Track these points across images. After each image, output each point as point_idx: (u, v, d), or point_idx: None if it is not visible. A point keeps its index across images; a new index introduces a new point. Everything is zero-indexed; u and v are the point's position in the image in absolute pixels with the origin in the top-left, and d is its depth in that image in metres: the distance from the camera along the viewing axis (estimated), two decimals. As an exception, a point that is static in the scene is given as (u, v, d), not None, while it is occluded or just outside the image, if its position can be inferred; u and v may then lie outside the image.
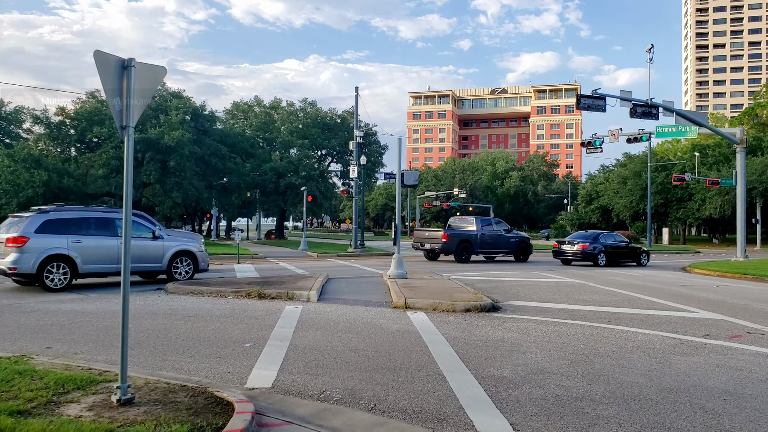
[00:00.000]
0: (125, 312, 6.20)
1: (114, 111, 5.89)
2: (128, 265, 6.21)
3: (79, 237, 15.25)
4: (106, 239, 15.63)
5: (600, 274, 21.65)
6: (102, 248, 15.50)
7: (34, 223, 14.82)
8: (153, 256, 16.56)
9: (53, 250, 14.76)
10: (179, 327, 9.90)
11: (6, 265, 14.41)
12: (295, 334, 9.37)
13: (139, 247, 16.04)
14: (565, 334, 9.59)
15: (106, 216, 16.26)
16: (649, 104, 24.53)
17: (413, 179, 17.09)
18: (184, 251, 17.21)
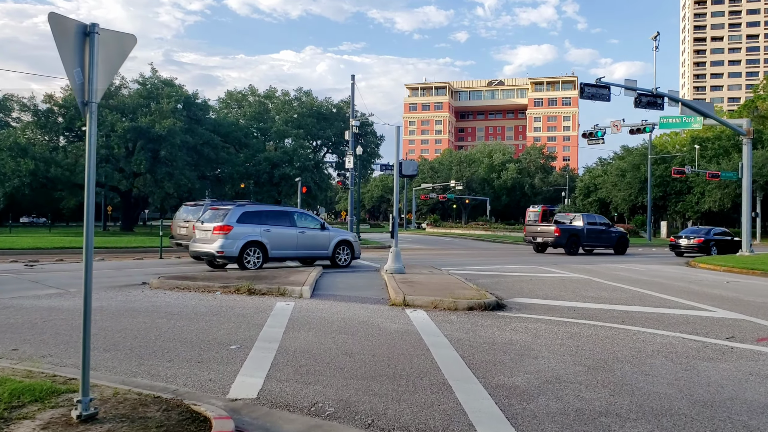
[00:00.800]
0: (87, 315, 5.43)
1: (74, 84, 5.12)
2: (89, 249, 5.47)
3: (268, 227, 18.23)
4: (287, 228, 18.76)
5: (604, 269, 20.96)
6: (285, 236, 18.55)
7: (235, 214, 17.83)
8: (322, 244, 19.63)
9: (251, 236, 17.61)
10: (160, 326, 9.16)
11: (215, 249, 17.30)
12: (286, 334, 8.64)
13: (311, 236, 19.29)
14: (578, 335, 8.87)
15: (286, 210, 20.26)
16: (655, 94, 23.80)
17: (412, 169, 16.30)
18: (344, 241, 20.17)
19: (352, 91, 34.57)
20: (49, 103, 38.60)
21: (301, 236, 19.01)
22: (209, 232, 17.64)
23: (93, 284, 13.47)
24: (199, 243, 18.10)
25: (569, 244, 30.38)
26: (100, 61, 5.22)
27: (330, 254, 19.69)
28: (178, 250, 23.69)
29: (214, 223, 17.65)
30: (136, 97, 41.64)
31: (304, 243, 19.13)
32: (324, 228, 19.91)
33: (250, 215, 18.14)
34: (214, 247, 17.33)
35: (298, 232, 18.91)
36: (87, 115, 5.12)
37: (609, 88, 23.25)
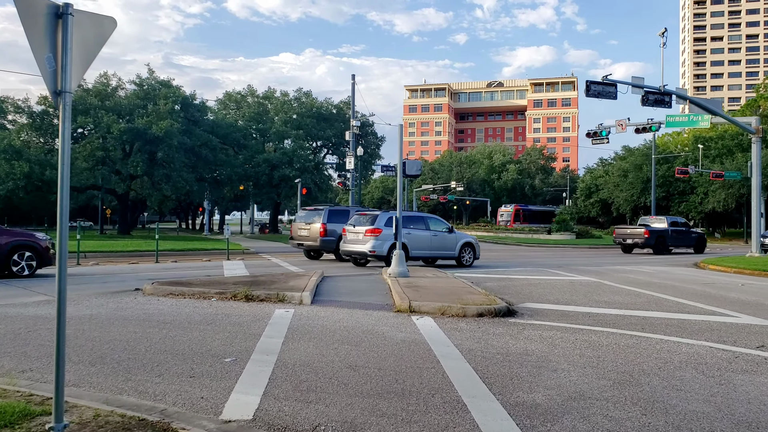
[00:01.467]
0: (60, 331, 4.86)
1: (45, 72, 4.55)
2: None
3: (409, 230, 20.62)
4: (423, 231, 21.39)
5: (612, 271, 20.40)
6: (422, 238, 21.18)
7: (382, 219, 20.64)
8: (450, 246, 21.89)
9: None
10: (152, 336, 8.58)
11: (367, 249, 20.22)
12: (285, 345, 8.06)
13: (442, 238, 21.74)
14: (597, 344, 8.30)
15: (421, 215, 23.14)
16: (662, 91, 23.22)
17: (416, 169, 15.70)
18: (468, 243, 22.29)
19: (353, 90, 34.02)
20: (44, 104, 37.93)
21: (434, 238, 21.65)
22: (361, 235, 20.64)
23: (84, 291, 12.87)
24: (351, 243, 21.10)
25: (657, 245, 33.80)
26: (75, 45, 4.66)
27: (456, 255, 21.98)
28: None
29: (365, 227, 20.60)
30: (133, 99, 41.01)
31: (436, 244, 21.76)
32: (451, 231, 22.40)
33: (393, 220, 20.21)
34: (366, 247, 20.34)
35: (431, 235, 21.57)
36: (60, 106, 4.56)
37: (615, 86, 22.68)
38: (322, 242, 23.05)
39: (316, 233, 23.08)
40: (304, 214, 24.21)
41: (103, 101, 39.16)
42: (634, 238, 34.44)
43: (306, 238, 23.45)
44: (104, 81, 41.50)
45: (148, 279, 15.13)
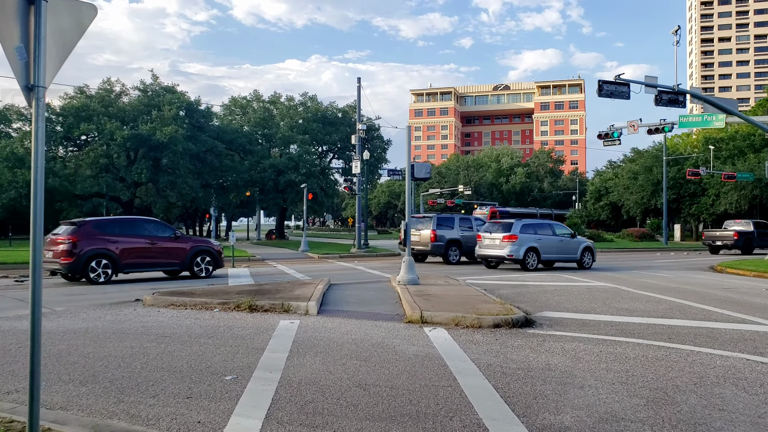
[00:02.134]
0: (34, 350, 4.36)
1: (15, 65, 4.07)
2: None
3: (539, 236, 22.95)
4: (551, 237, 23.36)
5: (629, 276, 19.80)
6: (550, 243, 23.16)
7: (518, 226, 22.82)
8: (573, 249, 23.80)
9: (530, 243, 22.47)
10: (149, 352, 8.08)
11: (505, 253, 22.23)
12: (289, 361, 7.54)
13: (567, 243, 23.72)
14: (624, 357, 7.74)
15: (548, 222, 25.57)
16: (676, 91, 22.62)
17: (425, 172, 15.13)
18: (588, 247, 24.17)
19: (358, 93, 33.54)
20: (47, 111, 37.48)
21: (560, 243, 23.54)
22: (498, 240, 22.65)
23: (82, 302, 12.37)
24: (487, 248, 23.19)
25: (744, 246, 36.13)
26: (50, 35, 4.18)
27: (578, 258, 23.71)
28: None
29: (502, 234, 22.62)
30: (137, 105, 40.58)
31: (562, 248, 23.58)
32: (574, 236, 24.25)
33: (526, 226, 23.14)
34: (504, 251, 22.35)
35: (558, 240, 23.48)
36: (32, 102, 4.08)
37: (628, 85, 22.09)
38: (433, 246, 25.72)
39: (427, 238, 25.74)
40: (413, 221, 25.60)
41: (107, 108, 38.73)
42: (723, 240, 37.24)
43: (416, 243, 25.47)
44: (108, 87, 41.15)
45: (149, 289, 14.68)
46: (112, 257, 17.57)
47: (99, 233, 17.84)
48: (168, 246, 18.85)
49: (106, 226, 18.60)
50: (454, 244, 25.81)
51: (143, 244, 18.39)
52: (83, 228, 17.69)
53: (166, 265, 19.08)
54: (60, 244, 17.14)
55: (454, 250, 25.80)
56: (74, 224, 18.00)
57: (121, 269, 17.93)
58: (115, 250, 17.67)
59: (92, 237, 17.56)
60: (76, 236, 17.25)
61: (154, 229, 19.25)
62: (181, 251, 19.05)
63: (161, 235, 18.98)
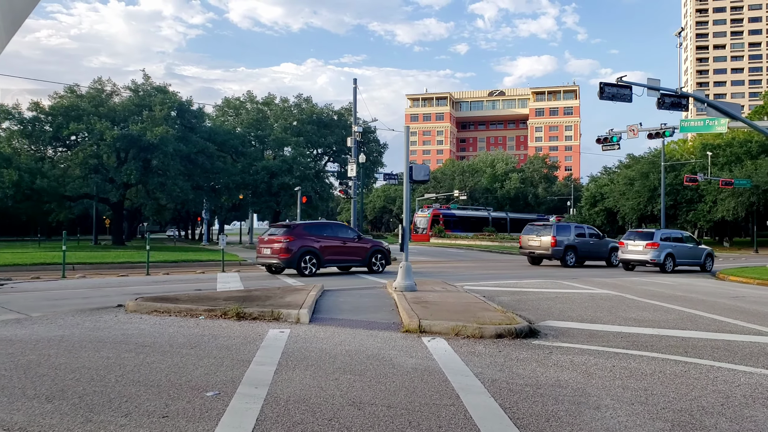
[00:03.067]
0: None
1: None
2: None
3: (673, 244, 26.96)
4: (682, 245, 27.60)
5: (630, 283, 19.24)
6: (683, 250, 27.25)
7: (658, 235, 26.57)
8: (699, 255, 27.80)
9: (667, 249, 26.17)
10: (126, 363, 7.45)
11: (648, 258, 25.93)
12: (277, 375, 6.93)
13: (693, 249, 27.69)
14: (640, 373, 7.15)
15: (681, 233, 28.95)
16: (679, 94, 22.12)
17: (423, 174, 14.54)
18: (710, 253, 28.33)
19: (354, 95, 32.94)
20: (36, 110, 36.76)
21: (689, 250, 27.54)
22: (641, 247, 26.23)
23: (61, 307, 11.71)
24: (630, 253, 26.74)
25: None
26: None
27: (702, 262, 27.82)
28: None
29: (645, 241, 26.19)
30: (128, 105, 39.77)
31: (690, 254, 27.51)
32: (699, 244, 28.88)
33: (665, 236, 27.01)
34: (647, 257, 25.96)
35: (688, 248, 27.60)
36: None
37: (630, 88, 21.56)
38: (553, 251, 28.28)
39: (548, 244, 28.36)
40: (533, 228, 30.00)
41: (97, 107, 37.91)
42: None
43: (537, 247, 28.81)
44: (98, 87, 40.37)
45: (134, 294, 14.05)
46: (317, 254, 21.06)
47: (307, 234, 21.34)
48: (354, 245, 22.38)
49: (311, 228, 22.33)
50: (571, 249, 28.56)
51: (337, 244, 21.92)
52: (296, 230, 21.33)
53: (352, 262, 22.39)
54: (279, 242, 20.72)
55: (570, 254, 28.54)
56: (287, 227, 21.99)
57: (322, 264, 21.34)
58: (319, 248, 21.17)
59: (302, 237, 21.06)
60: (291, 236, 20.84)
61: (343, 231, 22.95)
62: (363, 250, 22.58)
63: (349, 237, 22.60)
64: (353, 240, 22.50)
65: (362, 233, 26.54)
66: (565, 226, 30.34)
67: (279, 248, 20.57)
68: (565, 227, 30.05)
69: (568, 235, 28.74)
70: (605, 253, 29.61)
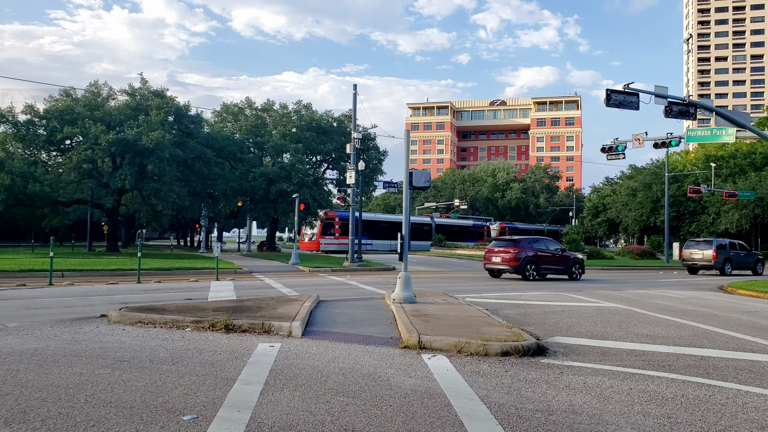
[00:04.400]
0: None
1: None
2: None
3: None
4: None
5: (636, 296, 18.60)
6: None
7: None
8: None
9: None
10: (99, 380, 6.83)
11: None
12: (263, 396, 6.31)
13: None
14: (660, 397, 6.52)
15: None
16: (687, 102, 21.56)
17: (423, 180, 13.92)
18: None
19: (354, 101, 32.37)
20: (30, 113, 36.17)
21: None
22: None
23: (41, 317, 11.08)
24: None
25: None
26: None
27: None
28: None
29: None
30: (124, 109, 39.18)
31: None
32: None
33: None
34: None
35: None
36: None
37: (638, 95, 20.99)
38: (715, 263, 32.80)
39: (709, 257, 32.98)
40: (696, 243, 35.25)
41: (93, 111, 37.28)
42: None
43: (700, 259, 33.51)
44: (94, 90, 39.78)
45: (120, 303, 13.42)
46: (536, 263, 25.42)
47: (528, 247, 25.73)
48: (560, 256, 26.69)
49: (530, 241, 26.58)
50: (728, 261, 33.61)
51: (549, 255, 26.25)
52: (520, 243, 25.88)
53: (559, 271, 26.43)
54: (508, 253, 25.36)
55: (728, 265, 33.49)
56: (513, 240, 26.50)
57: (539, 272, 25.56)
58: (537, 258, 25.46)
59: (525, 249, 25.50)
60: (518, 248, 25.41)
61: (553, 245, 27.32)
62: (567, 260, 26.87)
63: (557, 249, 26.93)
64: (560, 252, 26.85)
65: None
66: (723, 242, 34.96)
67: (508, 258, 25.19)
68: (722, 243, 34.71)
69: (727, 249, 33.98)
70: (752, 264, 34.52)
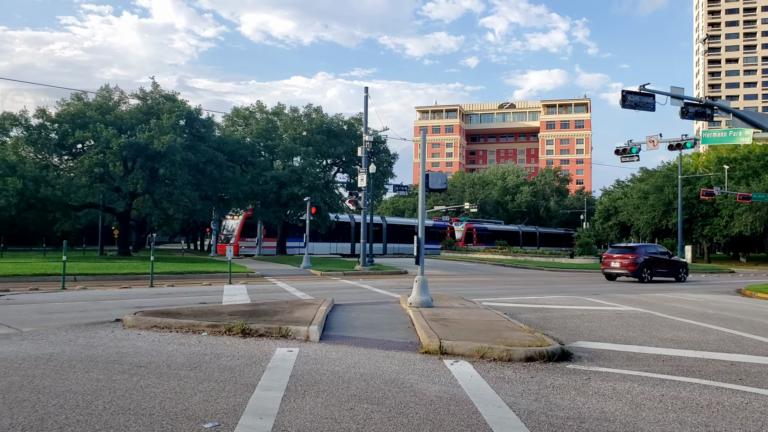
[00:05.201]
0: None
1: None
2: None
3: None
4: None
5: (653, 299, 18.33)
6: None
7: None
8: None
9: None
10: (117, 387, 6.68)
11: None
12: (285, 403, 6.15)
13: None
14: (695, 405, 6.31)
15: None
16: (704, 103, 21.29)
17: (440, 182, 13.72)
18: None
19: (365, 104, 32.21)
20: (42, 117, 36.26)
21: None
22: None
23: (56, 321, 10.96)
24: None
25: None
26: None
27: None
28: None
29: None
30: (136, 113, 39.22)
31: None
32: None
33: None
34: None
35: None
36: None
37: (653, 96, 20.76)
38: None
39: None
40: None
41: (104, 115, 37.35)
42: None
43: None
44: (105, 94, 39.88)
45: (134, 307, 13.29)
46: (651, 267, 28.55)
47: (644, 253, 28.81)
48: (668, 260, 30.06)
49: (644, 248, 29.66)
50: None
51: (660, 259, 29.39)
52: (637, 249, 28.95)
53: (666, 274, 29.62)
54: (626, 259, 28.34)
55: None
56: (630, 247, 29.54)
57: (653, 275, 28.57)
58: (651, 263, 28.64)
59: (641, 254, 28.56)
60: (635, 254, 28.40)
61: (661, 251, 30.56)
62: (674, 264, 30.28)
63: (663, 254, 30.22)
64: (668, 257, 30.17)
65: None
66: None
67: (627, 263, 28.21)
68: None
69: None
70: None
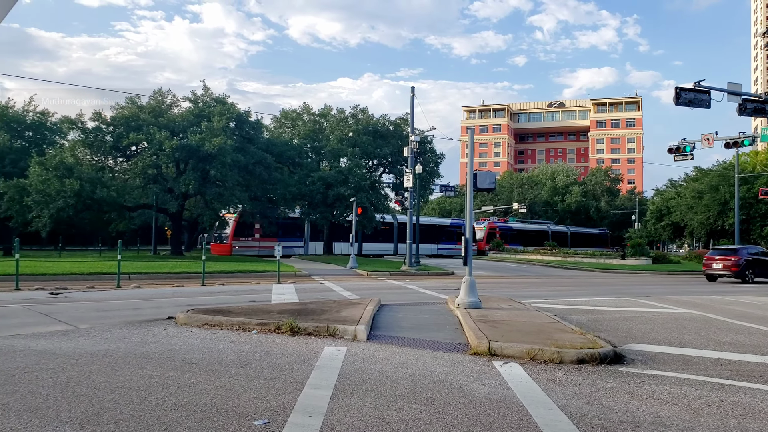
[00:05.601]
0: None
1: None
2: None
3: None
4: None
5: (710, 302, 17.79)
6: None
7: None
8: None
9: None
10: (169, 383, 6.81)
11: None
12: (333, 401, 6.16)
13: None
14: (758, 411, 6.08)
15: None
16: (763, 99, 20.58)
17: (489, 182, 13.58)
18: None
19: (412, 104, 32.18)
20: (98, 120, 37.40)
21: None
22: None
23: (111, 318, 11.24)
24: None
25: None
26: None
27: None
28: None
29: None
30: (187, 115, 40.12)
31: None
32: None
33: None
34: None
35: None
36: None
37: (709, 92, 20.16)
38: None
39: None
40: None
41: (157, 118, 38.36)
42: None
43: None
44: (158, 98, 40.91)
45: (186, 305, 13.54)
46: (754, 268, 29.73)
47: (746, 254, 30.03)
48: None
49: (745, 249, 31.06)
50: None
51: (762, 260, 30.45)
52: (739, 251, 30.24)
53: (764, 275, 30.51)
54: (729, 260, 29.51)
55: None
56: (732, 249, 30.87)
57: (755, 276, 29.72)
58: (753, 264, 29.81)
59: (743, 255, 29.69)
60: (738, 256, 29.63)
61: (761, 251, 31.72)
62: None
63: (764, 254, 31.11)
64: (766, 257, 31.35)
65: None
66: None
67: (729, 264, 29.30)
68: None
69: None
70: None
